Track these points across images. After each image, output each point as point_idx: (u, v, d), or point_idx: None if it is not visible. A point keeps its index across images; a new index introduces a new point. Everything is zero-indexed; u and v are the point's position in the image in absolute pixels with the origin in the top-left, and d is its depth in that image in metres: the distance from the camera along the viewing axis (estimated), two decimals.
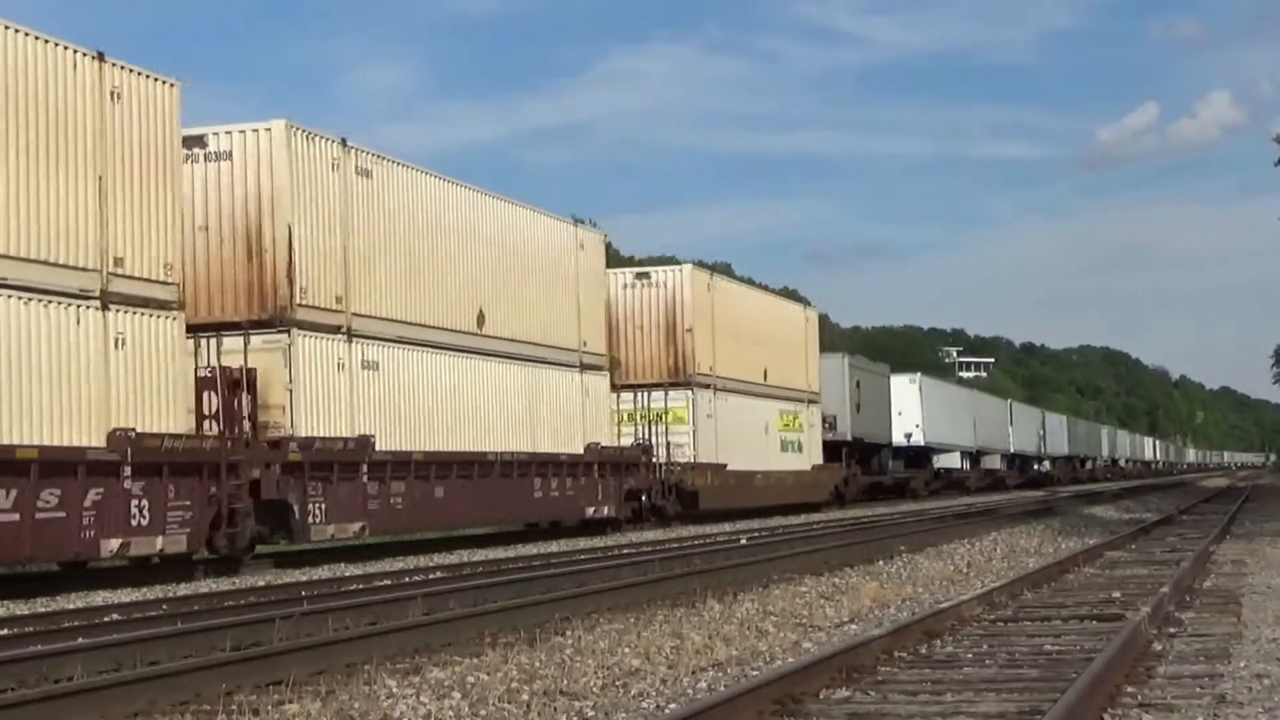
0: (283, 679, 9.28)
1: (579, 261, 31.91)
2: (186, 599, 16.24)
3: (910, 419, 59.43)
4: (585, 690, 8.79)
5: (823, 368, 48.09)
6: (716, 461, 36.84)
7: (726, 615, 12.72)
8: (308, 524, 21.95)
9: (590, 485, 30.89)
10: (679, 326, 36.38)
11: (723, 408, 37.71)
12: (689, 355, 36.31)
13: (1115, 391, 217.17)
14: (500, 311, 28.27)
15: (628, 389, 35.21)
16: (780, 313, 45.80)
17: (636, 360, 36.18)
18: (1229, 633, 10.94)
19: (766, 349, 41.76)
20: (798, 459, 44.11)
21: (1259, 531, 25.10)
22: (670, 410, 35.78)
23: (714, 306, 37.92)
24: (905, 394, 59.59)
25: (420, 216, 26.06)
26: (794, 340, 45.18)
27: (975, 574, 17.34)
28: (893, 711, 7.89)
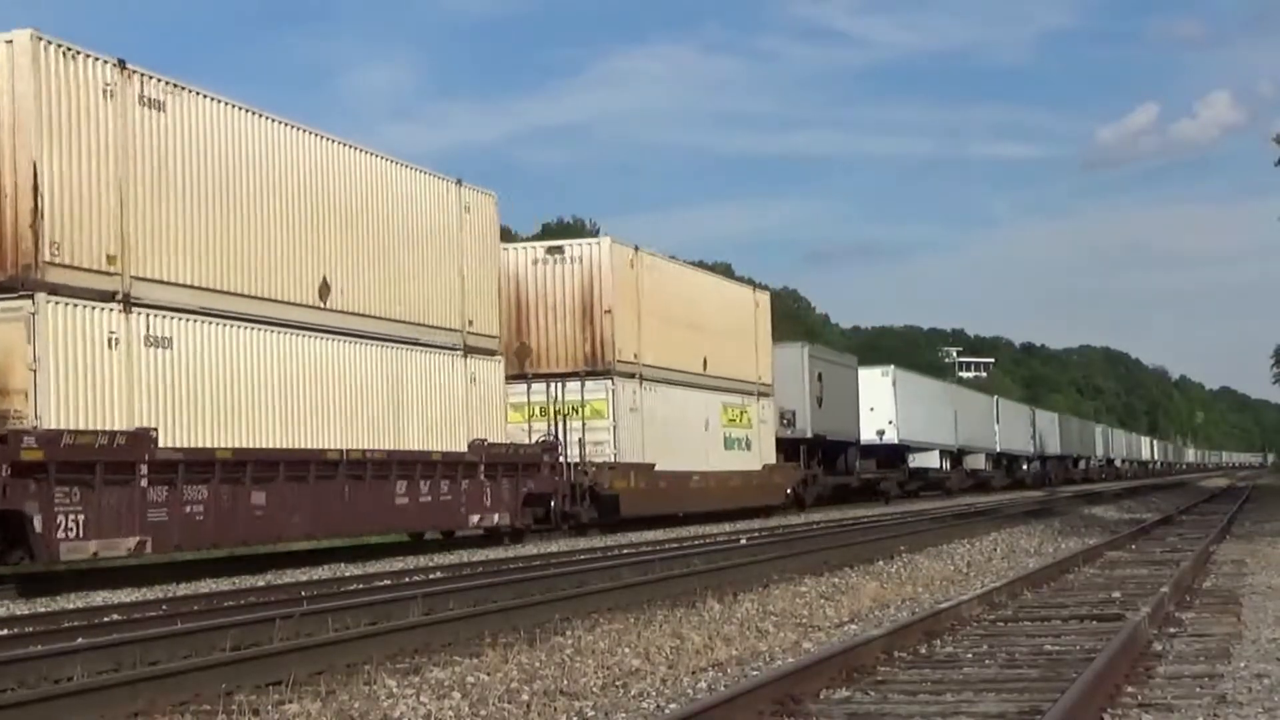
0: (283, 679, 9.28)
1: (463, 226, 27.54)
2: (186, 599, 16.24)
3: (882, 415, 55.36)
4: (585, 690, 8.79)
5: (778, 358, 44.13)
6: (643, 461, 32.98)
7: (726, 615, 12.72)
8: (55, 539, 17.57)
9: (476, 489, 26.54)
10: (597, 308, 32.27)
11: (651, 400, 33.77)
12: (608, 340, 32.21)
13: (1115, 391, 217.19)
14: (353, 282, 23.99)
15: (540, 379, 31.67)
16: (724, 294, 41.24)
17: (549, 346, 32.31)
18: (1229, 633, 10.94)
19: (707, 335, 37.77)
20: (746, 458, 40.06)
21: (1259, 532, 25.10)
22: (588, 403, 31.81)
23: (640, 285, 33.86)
24: (877, 388, 55.56)
25: (239, 162, 21.61)
26: (741, 326, 41.03)
27: (975, 574, 17.34)
28: (892, 711, 7.89)
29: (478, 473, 26.76)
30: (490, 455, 27.18)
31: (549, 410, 31.45)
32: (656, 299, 34.75)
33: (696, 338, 37.03)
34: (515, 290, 31.88)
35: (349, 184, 24.20)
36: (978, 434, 71.94)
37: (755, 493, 40.14)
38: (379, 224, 24.97)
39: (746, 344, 41.12)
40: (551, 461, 29.71)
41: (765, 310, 43.46)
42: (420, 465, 25.03)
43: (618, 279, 32.70)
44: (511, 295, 31.55)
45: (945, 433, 64.63)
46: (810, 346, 49.27)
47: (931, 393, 64.95)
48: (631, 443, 32.59)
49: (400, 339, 25.24)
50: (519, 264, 32.33)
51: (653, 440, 33.59)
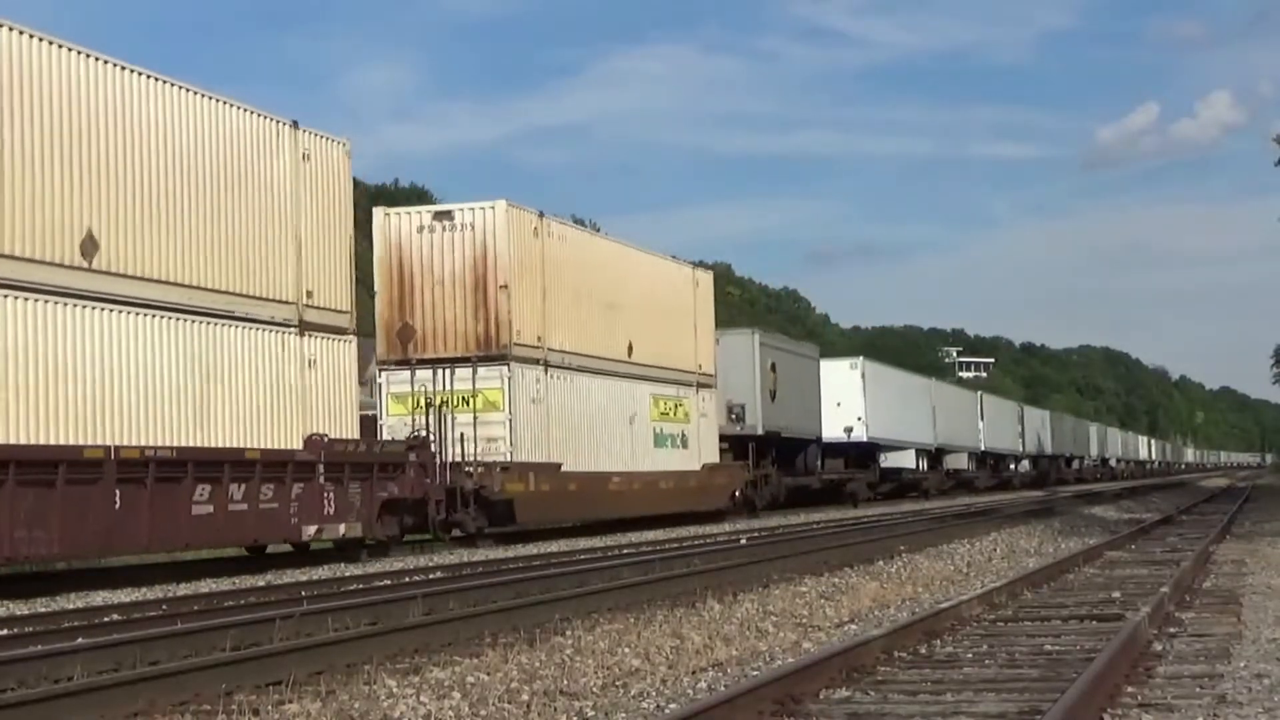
0: (283, 679, 9.28)
1: (301, 178, 22.73)
2: (186, 599, 16.25)
3: (851, 411, 50.86)
4: (585, 690, 8.79)
5: (725, 346, 40.03)
6: (547, 460, 28.72)
7: (726, 615, 12.72)
8: None
9: (312, 495, 21.73)
10: (491, 282, 28.10)
11: (559, 390, 29.59)
12: (504, 320, 27.96)
13: (1115, 391, 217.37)
14: (134, 241, 19.45)
15: (425, 365, 27.82)
16: (655, 272, 35.88)
17: (437, 327, 28.19)
18: (1229, 633, 10.95)
19: (633, 317, 33.23)
20: (682, 457, 35.46)
21: (1259, 532, 25.10)
22: (480, 393, 27.72)
23: (545, 258, 29.64)
24: (844, 382, 51.06)
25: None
26: (676, 308, 36.16)
27: (975, 574, 17.34)
28: (892, 711, 7.89)
29: (314, 475, 21.89)
30: (332, 454, 22.37)
31: (431, 400, 27.41)
32: (567, 274, 30.43)
33: (619, 320, 32.68)
34: (398, 262, 28.25)
35: (127, 116, 19.48)
36: (960, 432, 68.00)
37: (692, 496, 35.93)
38: (174, 167, 20.21)
39: (683, 328, 36.56)
40: (421, 461, 24.92)
41: (707, 291, 38.90)
42: (230, 466, 20.20)
43: (517, 249, 28.53)
44: (394, 268, 28.26)
45: (922, 430, 60.47)
46: (761, 333, 44.17)
47: (906, 387, 60.30)
48: (533, 439, 28.36)
49: (205, 311, 20.61)
50: (403, 232, 28.43)
51: (561, 436, 29.46)
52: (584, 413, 30.68)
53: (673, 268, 37.57)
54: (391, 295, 28.41)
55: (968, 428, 70.17)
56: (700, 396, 37.03)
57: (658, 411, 34.35)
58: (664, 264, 37.22)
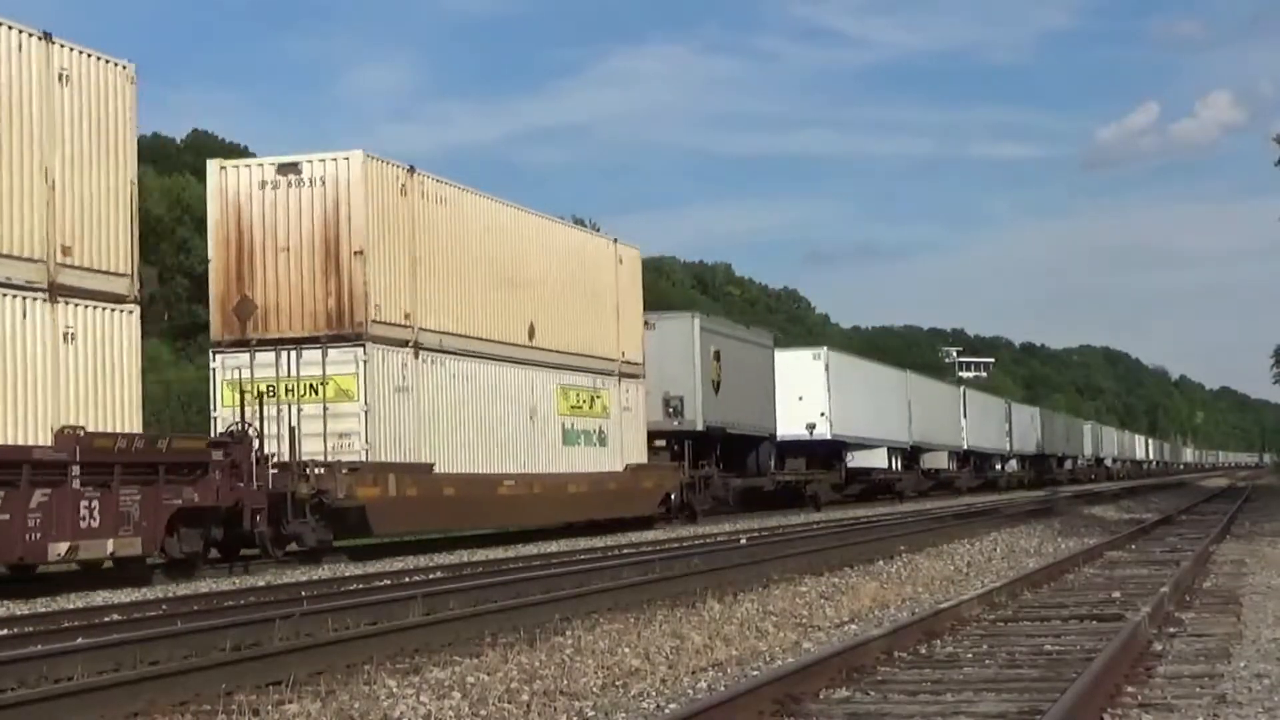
0: (283, 679, 9.28)
1: (51, 100, 18.25)
2: (186, 599, 16.25)
3: (813, 406, 46.33)
4: (585, 690, 8.79)
5: (660, 331, 35.87)
6: (414, 460, 24.56)
7: (726, 615, 12.72)
8: None
9: (63, 504, 17.27)
10: (344, 248, 23.74)
11: (433, 378, 25.43)
12: (359, 294, 23.64)
13: (1115, 391, 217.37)
14: None
15: (267, 346, 23.59)
16: (565, 245, 31.39)
17: (281, 301, 23.92)
18: (1229, 633, 10.95)
19: (535, 295, 29.19)
20: (598, 456, 31.16)
21: (1259, 532, 25.11)
22: (331, 380, 23.40)
23: (417, 221, 25.37)
24: (807, 374, 46.58)
25: None
26: (593, 287, 31.95)
27: (975, 574, 17.35)
28: (893, 711, 7.89)
29: (66, 479, 17.44)
30: (93, 452, 17.87)
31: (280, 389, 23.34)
32: (448, 242, 26.36)
33: (518, 298, 28.52)
34: (237, 225, 24.05)
35: None
36: (939, 429, 63.44)
37: (612, 501, 31.61)
38: None
39: (602, 311, 32.18)
40: (233, 460, 20.42)
41: (634, 270, 34.38)
42: None
43: (378, 209, 24.24)
44: (231, 231, 24.07)
45: (895, 427, 55.79)
46: (703, 317, 39.52)
47: (878, 381, 55.41)
48: (396, 435, 24.19)
49: None
50: (242, 188, 24.15)
51: (435, 431, 25.25)
52: (468, 405, 26.41)
53: (590, 241, 33.53)
54: (228, 264, 24.07)
55: (948, 425, 65.84)
56: (624, 388, 32.68)
57: (567, 404, 30.09)
58: (578, 236, 33.34)
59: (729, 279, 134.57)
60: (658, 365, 35.15)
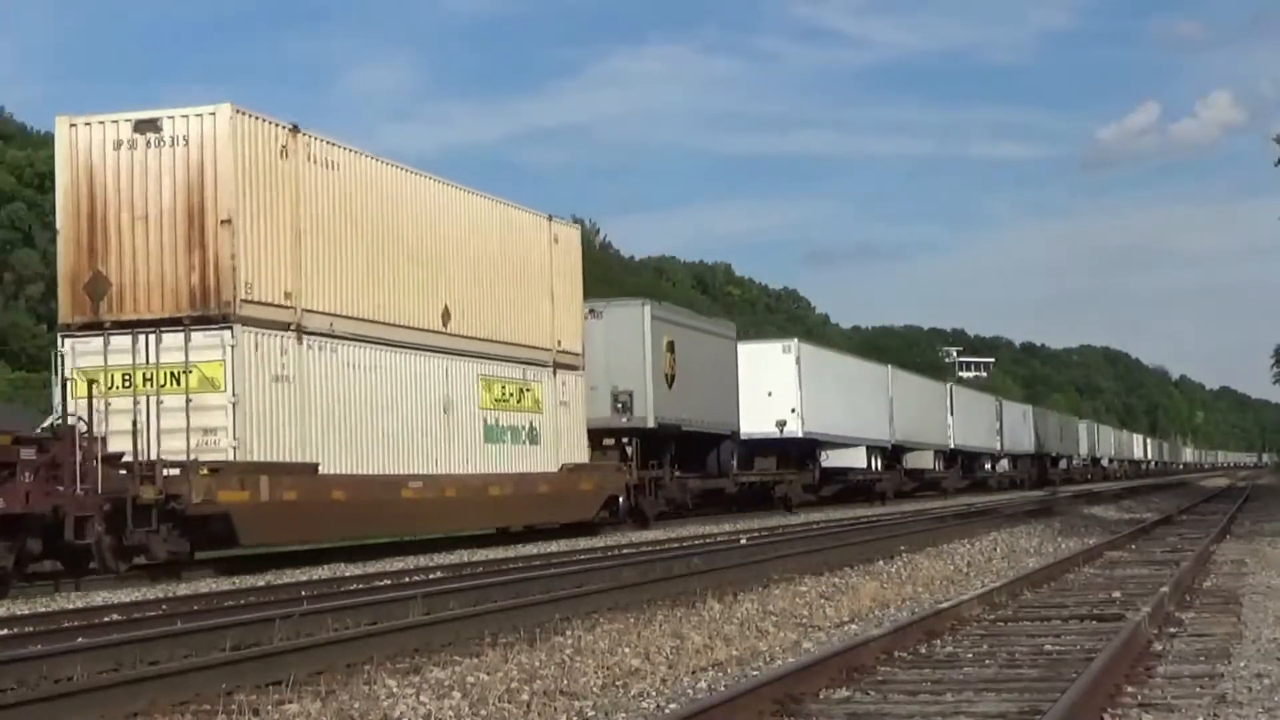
0: (283, 679, 9.28)
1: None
2: (186, 599, 16.25)
3: (784, 402, 43.46)
4: (585, 690, 8.79)
5: (609, 320, 33.45)
6: (295, 460, 21.69)
7: (726, 615, 12.72)
8: None
9: None
10: (210, 216, 20.88)
11: (321, 366, 22.45)
12: (226, 268, 20.79)
13: (1115, 391, 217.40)
14: None
15: (123, 329, 20.77)
16: (488, 221, 28.08)
17: (139, 277, 21.10)
18: (1229, 633, 10.95)
19: (452, 276, 26.24)
20: (529, 455, 28.30)
21: (1259, 531, 25.11)
22: (195, 367, 20.52)
23: (302, 187, 22.37)
24: (777, 368, 43.76)
25: None
26: (524, 268, 28.91)
27: (975, 574, 17.35)
28: (893, 711, 7.89)
29: None
30: None
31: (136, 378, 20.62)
32: (341, 212, 23.35)
33: (430, 279, 25.58)
34: (89, 190, 21.24)
35: None
36: (924, 427, 60.35)
37: (543, 505, 28.79)
38: None
39: (534, 295, 29.22)
40: (50, 460, 17.91)
41: (572, 250, 31.23)
42: None
43: (250, 172, 21.34)
44: (82, 198, 21.26)
45: (875, 424, 52.72)
46: (655, 305, 36.07)
47: (855, 376, 52.44)
48: (272, 430, 21.28)
49: None
50: (94, 149, 21.34)
51: (323, 427, 22.36)
52: (366, 397, 23.44)
53: (519, 217, 29.36)
54: (79, 235, 21.24)
55: (934, 423, 62.82)
56: (560, 381, 29.83)
57: (491, 398, 27.14)
58: (505, 211, 28.93)
59: (729, 279, 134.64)
60: (605, 357, 32.81)
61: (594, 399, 32.09)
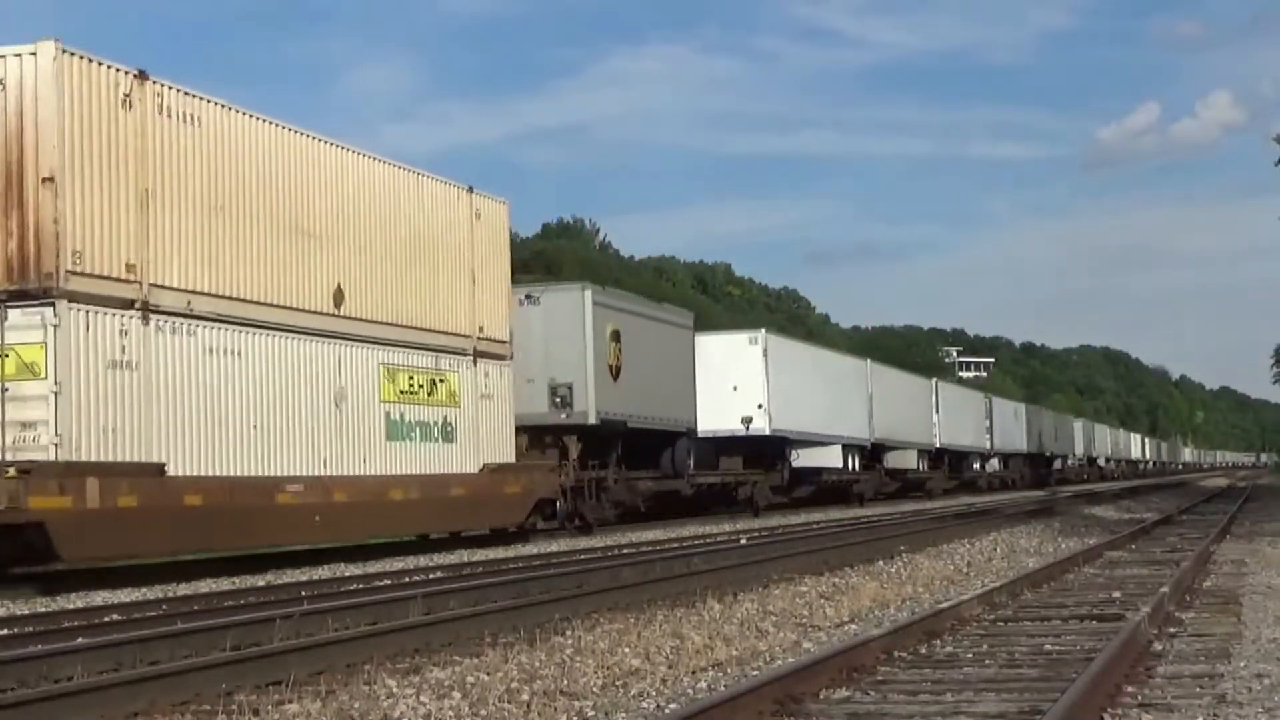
0: (283, 679, 9.28)
1: None
2: (186, 599, 16.25)
3: (750, 397, 40.31)
4: (585, 690, 8.79)
5: (546, 306, 30.86)
6: (138, 459, 18.79)
7: (726, 615, 12.72)
8: None
9: None
10: (29, 173, 18.08)
11: (175, 350, 19.56)
12: (49, 234, 17.97)
13: (1115, 391, 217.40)
14: None
15: None
16: (391, 188, 24.75)
17: None
18: (1229, 633, 10.95)
19: (346, 251, 23.12)
20: (442, 454, 25.18)
21: (1259, 531, 25.12)
22: (11, 351, 17.85)
23: (150, 143, 19.45)
24: (742, 360, 40.59)
25: None
26: (437, 244, 25.74)
27: (975, 574, 17.35)
28: (893, 711, 7.89)
29: None
30: None
31: None
32: (202, 173, 20.34)
33: (318, 254, 22.41)
34: None
35: None
36: (907, 425, 57.02)
37: (458, 510, 25.76)
38: None
39: (451, 276, 26.19)
40: None
41: (497, 227, 28.09)
42: None
43: (81, 122, 18.42)
44: None
45: (852, 422, 49.55)
46: (597, 290, 32.89)
47: (831, 370, 48.96)
48: (107, 425, 18.39)
49: None
50: None
51: (175, 421, 19.40)
52: (231, 387, 20.50)
53: (434, 189, 26.09)
54: None
55: (918, 421, 59.52)
56: (482, 371, 26.79)
57: (395, 389, 24.15)
58: (416, 181, 25.65)
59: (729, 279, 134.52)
60: (543, 347, 30.31)
61: (531, 393, 29.77)
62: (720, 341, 41.32)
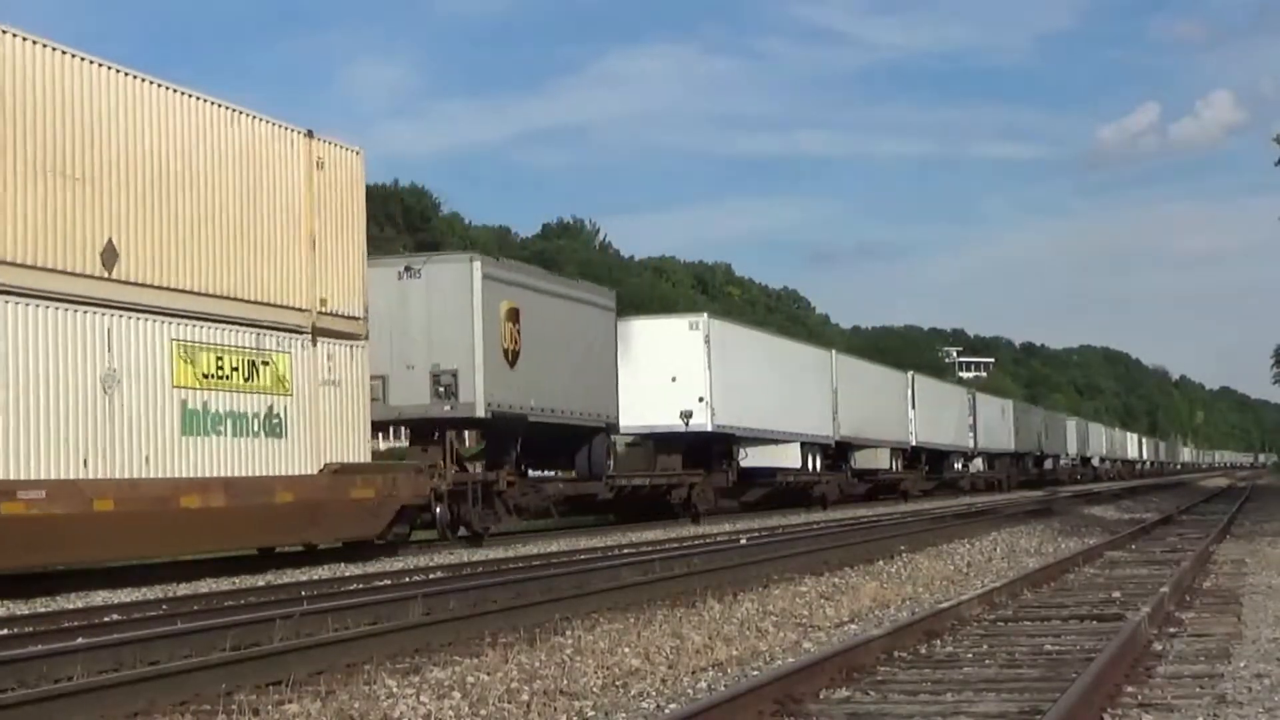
0: (283, 679, 9.29)
1: None
2: (186, 599, 16.25)
3: (690, 389, 35.67)
4: (585, 690, 8.80)
5: (428, 279, 26.72)
6: None
7: (726, 615, 12.72)
8: None
9: None
10: None
11: None
12: None
13: (1115, 391, 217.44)
14: None
15: None
16: (195, 126, 20.14)
17: None
18: (1229, 633, 10.95)
19: (129, 199, 18.83)
20: (264, 452, 20.72)
21: (1259, 531, 25.12)
22: None
23: None
24: (682, 348, 35.92)
25: None
26: (259, 195, 21.15)
27: (975, 574, 17.36)
28: (893, 711, 7.89)
29: None
30: None
31: None
32: None
33: (83, 202, 18.15)
34: None
35: None
36: (878, 421, 52.20)
37: (287, 521, 21.19)
38: None
39: (278, 235, 21.52)
40: None
41: (346, 180, 23.20)
42: None
43: None
44: None
45: (812, 418, 44.93)
46: (487, 261, 28.23)
47: (786, 361, 43.97)
48: None
49: None
50: None
51: None
52: None
53: (256, 129, 21.36)
54: None
55: (891, 417, 54.54)
56: (323, 352, 22.28)
57: (196, 372, 19.70)
58: (228, 119, 20.86)
59: (729, 279, 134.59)
60: (425, 327, 26.43)
61: (411, 381, 26.18)
62: (657, 326, 37.11)
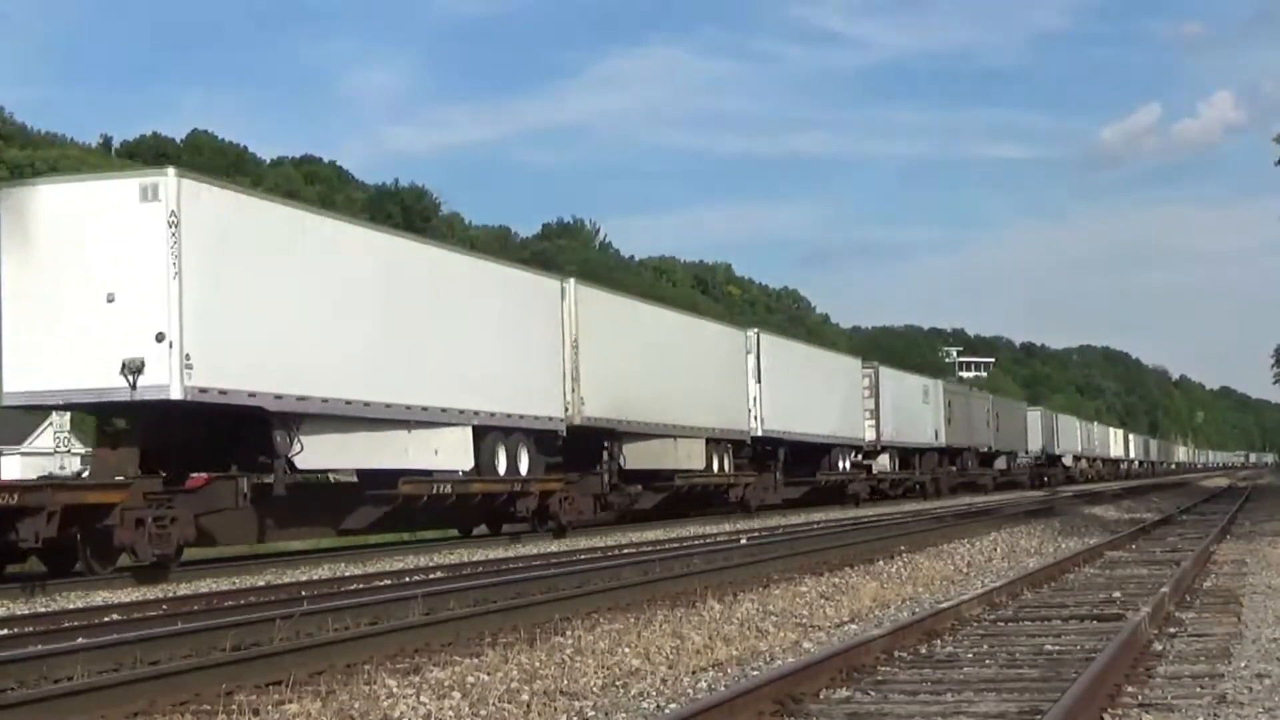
0: (283, 679, 9.28)
1: None
2: (186, 599, 16.24)
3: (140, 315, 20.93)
4: (585, 690, 8.79)
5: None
6: None
7: (726, 615, 12.72)
8: None
9: None
10: None
11: None
12: None
13: (1115, 391, 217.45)
14: None
15: None
16: None
17: None
18: (1229, 633, 10.95)
19: None
20: None
21: (1259, 531, 25.09)
22: None
23: None
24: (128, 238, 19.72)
25: None
26: None
27: (975, 574, 17.35)
28: (893, 711, 7.89)
29: None
30: None
31: None
32: None
33: None
34: None
35: None
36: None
37: None
38: None
39: None
40: None
41: None
42: None
43: None
44: None
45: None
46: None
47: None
48: None
49: None
50: None
51: None
52: None
53: None
54: None
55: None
56: None
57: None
58: None
59: (729, 279, 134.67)
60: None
61: None
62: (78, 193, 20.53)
